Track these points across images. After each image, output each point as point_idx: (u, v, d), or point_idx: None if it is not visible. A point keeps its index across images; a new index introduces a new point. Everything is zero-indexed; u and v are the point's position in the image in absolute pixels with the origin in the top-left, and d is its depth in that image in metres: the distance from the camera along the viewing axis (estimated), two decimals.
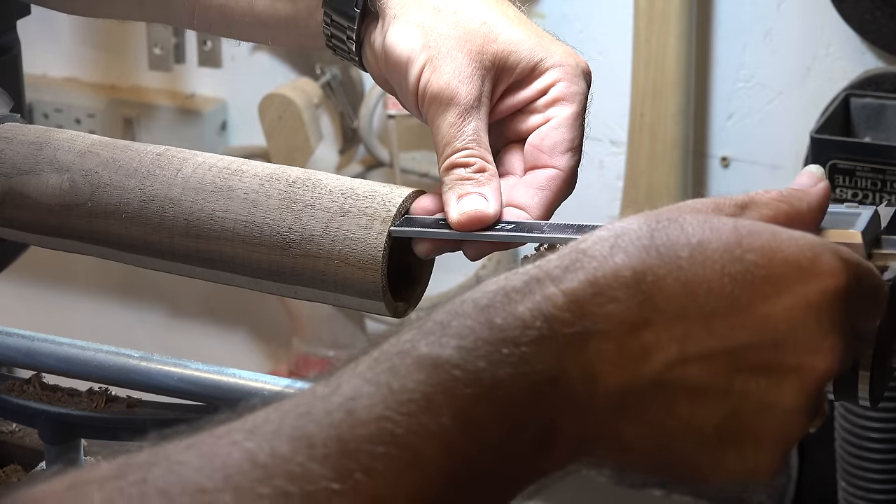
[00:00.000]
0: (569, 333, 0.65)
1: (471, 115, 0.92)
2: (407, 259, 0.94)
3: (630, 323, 0.65)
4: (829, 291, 0.67)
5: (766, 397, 0.67)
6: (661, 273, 0.66)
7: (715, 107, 2.19)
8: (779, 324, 0.66)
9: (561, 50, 0.96)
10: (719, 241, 0.67)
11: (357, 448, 0.60)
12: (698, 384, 0.66)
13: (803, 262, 0.67)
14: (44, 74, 2.59)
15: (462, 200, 0.90)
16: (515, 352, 0.64)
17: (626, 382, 0.65)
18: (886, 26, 2.00)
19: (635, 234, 0.67)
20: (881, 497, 1.92)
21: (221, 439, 0.60)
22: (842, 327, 0.68)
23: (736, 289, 0.66)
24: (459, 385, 0.63)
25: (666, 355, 0.66)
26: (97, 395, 1.07)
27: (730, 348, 0.66)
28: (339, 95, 2.38)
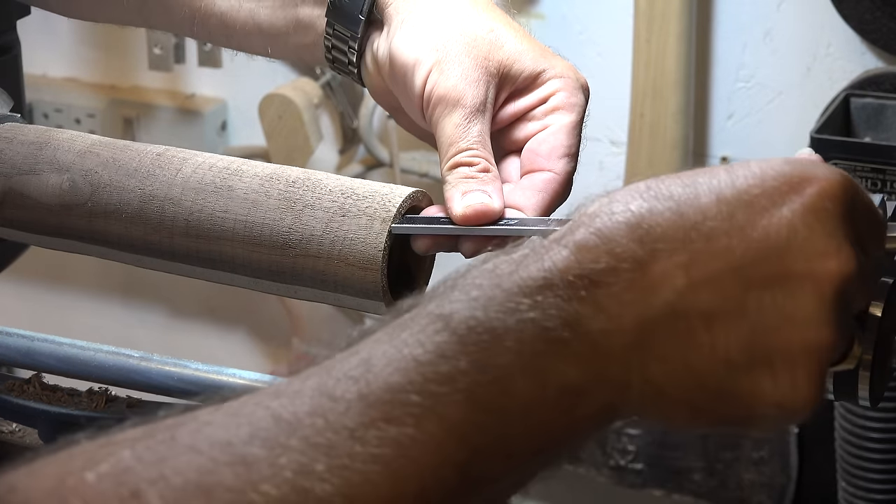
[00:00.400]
0: (576, 278, 0.65)
1: (476, 117, 0.93)
2: (407, 259, 0.94)
3: (634, 259, 0.66)
4: (826, 194, 0.67)
5: (784, 309, 0.66)
6: (659, 209, 0.67)
7: (715, 107, 2.19)
8: (780, 232, 0.66)
9: (563, 63, 0.98)
10: (711, 174, 0.68)
11: (377, 399, 0.61)
12: (712, 308, 0.66)
13: (795, 173, 0.68)
14: (44, 74, 2.59)
15: (467, 196, 0.91)
16: (526, 301, 0.64)
17: (640, 318, 0.66)
18: (886, 26, 2.00)
19: (633, 188, 0.69)
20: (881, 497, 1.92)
21: (248, 400, 0.62)
22: (848, 230, 0.68)
23: (732, 209, 0.67)
24: (472, 334, 0.63)
25: (673, 284, 0.66)
26: (97, 395, 1.07)
27: (735, 266, 0.66)
28: (339, 95, 2.38)
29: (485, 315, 0.64)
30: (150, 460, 0.59)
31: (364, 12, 0.99)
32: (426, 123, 0.96)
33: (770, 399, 0.67)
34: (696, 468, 2.18)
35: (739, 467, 2.16)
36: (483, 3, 0.99)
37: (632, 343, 0.66)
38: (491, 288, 0.65)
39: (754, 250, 0.66)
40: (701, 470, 2.18)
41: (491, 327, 0.64)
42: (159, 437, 0.60)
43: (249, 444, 0.60)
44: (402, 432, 0.61)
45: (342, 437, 0.60)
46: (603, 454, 2.21)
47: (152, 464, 0.59)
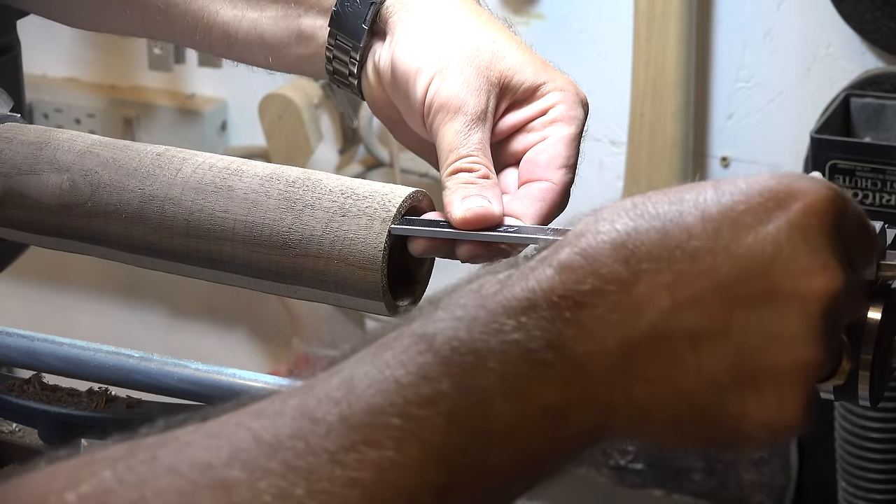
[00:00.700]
0: (560, 299, 0.65)
1: (477, 125, 0.94)
2: (407, 259, 0.94)
3: (618, 280, 0.65)
4: (812, 210, 0.66)
5: (770, 328, 0.65)
6: (643, 229, 0.66)
7: (715, 107, 2.19)
8: (765, 251, 0.65)
9: (563, 77, 0.98)
10: (697, 192, 0.68)
11: (358, 421, 0.61)
12: (697, 329, 0.65)
13: (780, 188, 0.67)
14: (44, 74, 2.59)
15: (467, 200, 0.91)
16: (510, 322, 0.64)
17: (624, 339, 0.65)
18: (886, 26, 2.00)
19: (617, 207, 0.68)
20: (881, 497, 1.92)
21: (228, 422, 0.62)
22: (834, 246, 0.67)
23: (717, 227, 0.66)
24: (455, 355, 0.63)
25: (658, 305, 0.65)
26: (97, 395, 1.07)
27: (720, 285, 0.65)
28: (339, 95, 2.38)
29: (468, 336, 0.64)
30: (131, 482, 0.59)
31: (367, 22, 0.99)
32: (426, 132, 0.96)
33: (757, 419, 0.66)
34: (696, 468, 2.18)
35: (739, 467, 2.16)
36: (485, 16, 0.99)
37: (616, 364, 0.65)
38: (475, 308, 0.65)
39: (739, 269, 0.65)
40: (701, 470, 2.18)
41: (474, 348, 0.63)
42: (140, 457, 0.60)
43: (229, 466, 0.59)
44: (382, 455, 0.61)
45: (322, 460, 0.60)
46: (603, 454, 2.21)
47: (133, 486, 0.58)
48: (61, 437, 1.06)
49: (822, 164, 1.89)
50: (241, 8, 1.05)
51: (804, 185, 0.67)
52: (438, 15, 0.98)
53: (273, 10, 1.04)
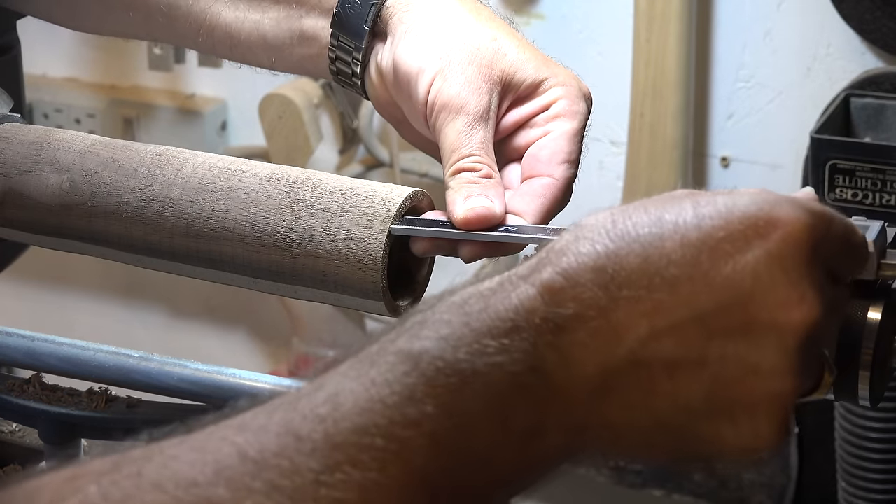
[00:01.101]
0: (541, 322, 0.65)
1: (479, 124, 0.94)
2: (407, 259, 0.94)
3: (598, 305, 0.66)
4: (791, 240, 0.66)
5: (747, 360, 0.66)
6: (623, 253, 0.66)
7: (715, 107, 2.19)
8: (743, 282, 0.66)
9: (565, 72, 0.98)
10: (677, 213, 0.67)
11: (343, 440, 0.61)
12: (674, 357, 0.66)
13: (760, 215, 0.67)
14: (44, 74, 2.59)
15: (469, 199, 0.91)
16: (493, 343, 0.64)
17: (603, 365, 0.65)
18: (886, 26, 2.00)
19: (598, 223, 0.68)
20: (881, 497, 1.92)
21: (212, 435, 0.62)
22: (813, 276, 0.67)
23: (696, 254, 0.66)
24: (440, 376, 0.63)
25: (636, 332, 0.65)
26: (97, 395, 1.07)
27: (699, 315, 0.66)
28: (339, 95, 2.38)
29: (453, 356, 0.64)
30: (116, 498, 0.59)
31: (368, 23, 0.99)
32: (429, 132, 0.96)
33: (731, 444, 0.67)
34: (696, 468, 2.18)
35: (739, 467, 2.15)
36: (486, 14, 0.99)
37: (594, 389, 0.66)
38: (460, 326, 0.65)
39: (717, 299, 0.66)
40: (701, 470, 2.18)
41: (459, 369, 0.64)
42: (125, 472, 0.60)
43: (214, 484, 0.59)
44: (366, 477, 0.61)
45: (307, 480, 0.60)
46: None
47: (118, 502, 0.59)
48: (61, 437, 1.06)
49: (822, 164, 1.89)
50: (242, 10, 1.05)
51: (784, 212, 0.67)
52: (439, 14, 0.98)
53: (275, 11, 1.04)
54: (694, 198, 0.69)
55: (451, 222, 0.91)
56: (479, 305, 0.66)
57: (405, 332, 0.65)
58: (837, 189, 1.89)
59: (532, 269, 0.67)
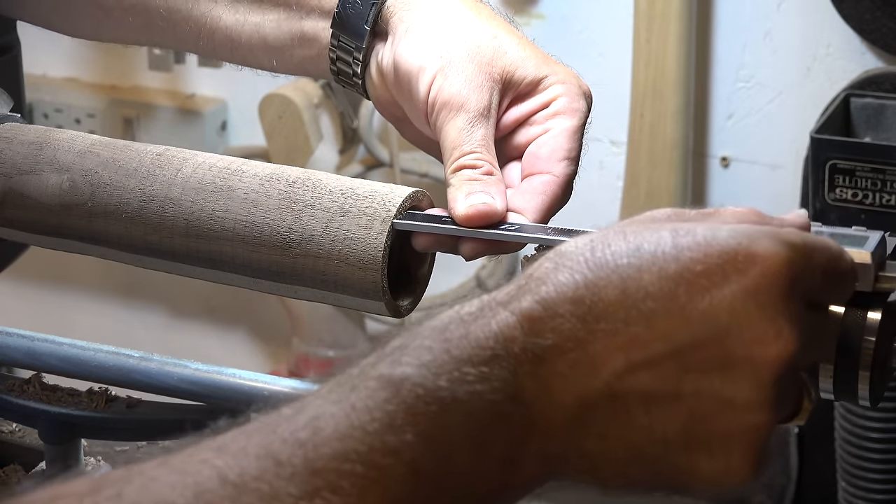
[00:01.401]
0: (521, 352, 0.66)
1: (480, 121, 0.94)
2: (407, 259, 0.94)
3: (576, 337, 0.66)
4: (768, 276, 0.66)
5: (723, 395, 0.66)
6: (602, 284, 0.67)
7: (715, 107, 2.19)
8: (720, 317, 0.66)
9: (565, 70, 0.98)
10: (656, 243, 0.67)
11: (323, 466, 0.61)
12: (650, 391, 0.66)
13: (739, 250, 0.67)
14: (44, 74, 2.59)
15: (470, 196, 0.91)
16: (473, 371, 0.65)
17: (580, 396, 0.66)
18: (886, 26, 2.00)
19: (577, 252, 0.68)
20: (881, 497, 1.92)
21: (192, 456, 0.61)
22: (791, 310, 0.67)
23: (673, 287, 0.66)
24: (420, 403, 0.64)
25: (613, 366, 0.66)
26: (97, 395, 1.07)
27: (675, 349, 0.66)
28: (339, 95, 2.38)
29: (434, 384, 0.64)
30: None
31: (369, 23, 0.99)
32: (430, 130, 0.96)
33: (707, 476, 0.67)
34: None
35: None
36: (486, 13, 0.99)
37: (571, 420, 0.66)
38: (441, 353, 0.65)
39: (693, 334, 0.66)
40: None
41: (439, 397, 0.64)
42: (105, 493, 0.60)
43: None
44: (345, 503, 0.61)
45: None
46: None
47: None
48: (61, 437, 1.06)
49: (821, 164, 1.88)
50: (242, 12, 1.05)
51: (762, 246, 0.67)
52: (439, 13, 0.98)
53: (275, 13, 1.04)
54: (674, 225, 0.69)
55: (453, 219, 0.91)
56: (460, 331, 0.66)
57: (386, 357, 0.66)
58: (837, 189, 1.89)
59: (511, 297, 0.68)
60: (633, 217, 0.72)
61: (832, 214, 1.90)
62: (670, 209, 0.72)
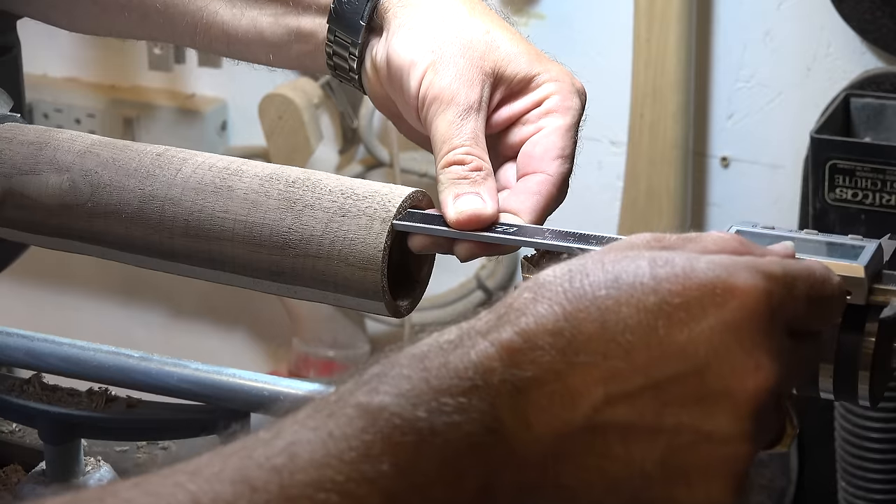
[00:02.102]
0: (500, 383, 0.66)
1: (470, 115, 0.93)
2: (407, 259, 0.94)
3: (555, 370, 0.66)
4: (747, 309, 0.66)
5: (701, 427, 0.66)
6: (581, 316, 0.67)
7: (715, 107, 2.19)
8: (698, 350, 0.66)
9: (558, 68, 0.98)
10: (634, 274, 0.67)
11: (299, 494, 0.61)
12: (628, 423, 0.66)
13: (717, 283, 0.67)
14: (44, 74, 2.59)
15: (459, 200, 0.91)
16: (451, 402, 0.65)
17: (558, 429, 0.66)
18: (886, 26, 2.00)
19: (556, 282, 0.68)
20: (881, 497, 1.92)
21: (167, 479, 0.61)
22: (770, 342, 0.67)
23: (652, 320, 0.66)
24: (397, 433, 0.63)
25: (592, 399, 0.66)
26: (97, 395, 1.07)
27: (654, 383, 0.66)
28: (339, 95, 2.38)
29: (412, 414, 0.64)
30: None
31: (365, 18, 0.99)
32: (422, 126, 0.96)
33: None
34: None
35: None
36: (480, 8, 0.99)
37: (549, 451, 0.66)
38: (419, 382, 0.65)
39: (672, 368, 0.66)
40: None
41: (416, 428, 0.64)
42: None
43: None
44: None
45: None
46: None
47: None
48: (61, 437, 1.06)
49: (822, 164, 1.88)
50: (239, 7, 1.06)
51: (741, 279, 0.67)
52: (433, 8, 0.98)
53: (272, 8, 1.04)
54: (652, 254, 0.68)
55: None
56: (439, 360, 0.66)
57: (364, 385, 0.65)
58: (837, 189, 1.89)
59: (491, 327, 0.67)
60: (612, 244, 0.72)
61: (832, 214, 1.90)
62: (650, 234, 0.72)
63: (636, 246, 0.71)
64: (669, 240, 0.71)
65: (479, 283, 2.37)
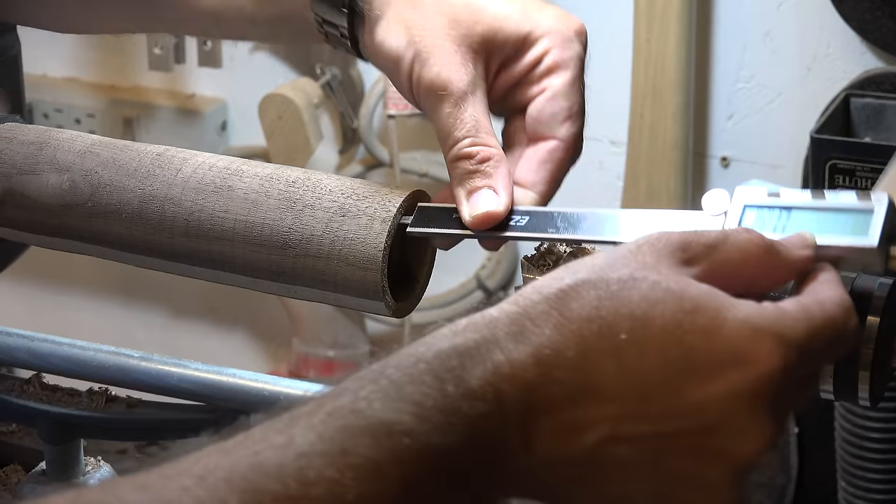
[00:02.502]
0: (515, 409, 0.66)
1: (466, 101, 0.91)
2: (407, 259, 0.94)
3: (570, 399, 0.66)
4: (765, 377, 0.67)
5: (696, 475, 0.67)
6: (602, 354, 0.67)
7: (715, 107, 2.19)
8: (711, 411, 0.67)
9: (549, 16, 0.94)
10: (662, 317, 0.67)
11: None
12: (628, 460, 0.67)
13: (742, 347, 0.67)
14: (44, 74, 2.59)
15: (472, 198, 0.89)
16: (464, 422, 0.65)
17: (561, 455, 0.67)
18: (886, 26, 2.00)
19: (582, 303, 0.68)
20: (881, 497, 1.92)
21: (171, 481, 0.61)
22: (780, 408, 0.68)
23: (671, 374, 0.67)
24: (410, 452, 0.63)
25: (598, 433, 0.67)
26: (97, 395, 1.07)
27: (661, 432, 0.67)
28: (339, 95, 2.38)
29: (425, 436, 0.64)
30: None
31: (346, 4, 0.96)
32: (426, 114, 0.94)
33: None
34: None
35: None
36: None
37: (549, 473, 0.67)
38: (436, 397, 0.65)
39: (682, 423, 0.67)
40: None
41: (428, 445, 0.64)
42: None
43: None
44: None
45: None
46: None
47: None
48: (61, 437, 1.06)
49: (822, 164, 1.88)
50: None
51: (766, 351, 0.67)
52: None
53: None
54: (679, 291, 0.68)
55: None
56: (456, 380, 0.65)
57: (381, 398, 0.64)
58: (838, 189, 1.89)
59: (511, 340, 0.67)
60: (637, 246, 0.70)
61: None
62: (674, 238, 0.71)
63: (659, 255, 0.70)
64: (694, 250, 0.71)
65: (479, 283, 2.37)
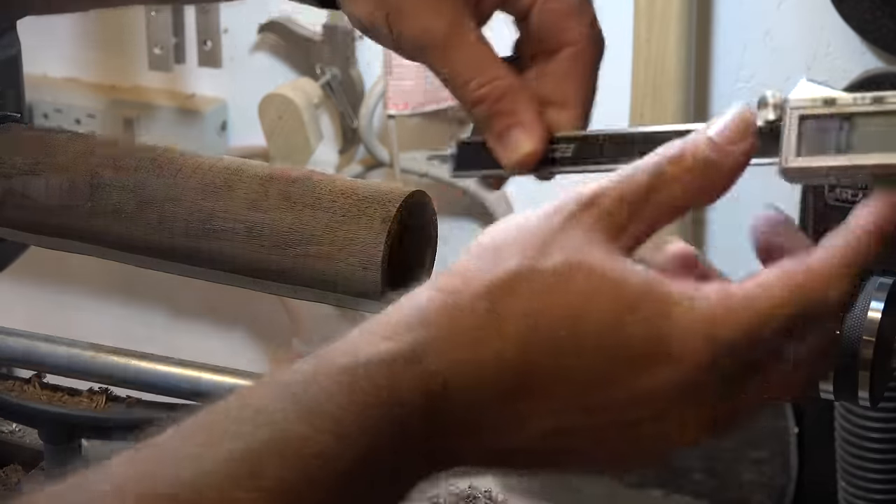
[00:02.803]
0: (455, 410, 0.67)
1: (454, 43, 0.84)
2: (407, 258, 0.94)
3: (511, 396, 0.67)
4: (692, 373, 0.67)
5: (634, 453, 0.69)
6: (541, 352, 0.67)
7: (715, 107, 2.19)
8: (645, 403, 0.67)
9: None
10: (599, 311, 0.67)
11: None
12: (574, 447, 0.69)
13: (671, 344, 0.67)
14: (44, 74, 2.59)
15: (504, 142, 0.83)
16: (403, 430, 0.66)
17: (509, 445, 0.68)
18: (886, 26, 2.00)
19: (517, 299, 0.68)
20: (881, 497, 1.92)
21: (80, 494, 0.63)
22: (721, 397, 0.68)
23: (609, 367, 0.67)
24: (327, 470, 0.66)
25: (543, 426, 0.67)
26: (97, 395, 1.07)
27: (601, 423, 0.68)
28: (339, 95, 2.38)
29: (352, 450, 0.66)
30: None
31: None
32: None
33: None
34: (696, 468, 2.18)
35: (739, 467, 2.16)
36: None
37: (490, 459, 0.69)
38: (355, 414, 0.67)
39: (620, 414, 0.68)
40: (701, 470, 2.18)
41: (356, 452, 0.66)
42: None
43: None
44: None
45: None
46: None
47: None
48: (61, 437, 1.06)
49: None
50: None
51: (692, 346, 0.67)
52: None
53: None
54: (619, 293, 0.68)
55: None
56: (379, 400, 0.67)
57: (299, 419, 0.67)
58: (838, 189, 1.89)
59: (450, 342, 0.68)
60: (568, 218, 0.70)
61: (832, 215, 1.90)
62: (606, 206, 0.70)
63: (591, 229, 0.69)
64: (623, 213, 0.70)
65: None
